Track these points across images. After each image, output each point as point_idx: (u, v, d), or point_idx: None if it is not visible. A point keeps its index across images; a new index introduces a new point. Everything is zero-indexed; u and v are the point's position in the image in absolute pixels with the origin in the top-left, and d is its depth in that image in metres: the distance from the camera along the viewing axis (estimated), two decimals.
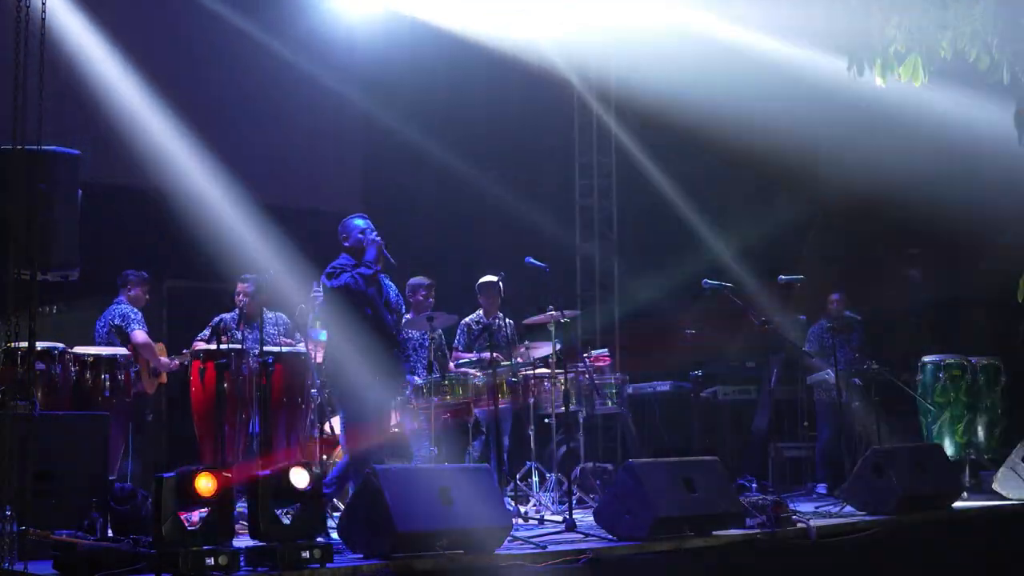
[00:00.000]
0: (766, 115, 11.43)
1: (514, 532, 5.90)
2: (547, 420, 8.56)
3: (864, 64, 5.64)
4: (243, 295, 8.00)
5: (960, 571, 7.14)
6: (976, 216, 10.47)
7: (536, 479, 8.36)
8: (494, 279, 8.77)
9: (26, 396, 5.26)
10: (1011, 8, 5.15)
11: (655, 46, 12.12)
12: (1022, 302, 5.67)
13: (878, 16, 5.43)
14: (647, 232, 12.87)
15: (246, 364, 7.24)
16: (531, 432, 8.36)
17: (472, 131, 12.07)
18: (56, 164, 5.79)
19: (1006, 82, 5.44)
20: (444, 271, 9.56)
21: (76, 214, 5.92)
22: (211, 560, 4.68)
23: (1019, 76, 5.41)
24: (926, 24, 5.54)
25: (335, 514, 6.23)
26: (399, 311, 7.35)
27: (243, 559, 4.91)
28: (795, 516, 6.72)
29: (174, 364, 8.37)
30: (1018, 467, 8.38)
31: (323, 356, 7.91)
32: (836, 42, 5.59)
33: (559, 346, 8.33)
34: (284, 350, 7.45)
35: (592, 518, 6.48)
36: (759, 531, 6.40)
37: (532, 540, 5.92)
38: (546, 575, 5.41)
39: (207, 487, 4.79)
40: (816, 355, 9.73)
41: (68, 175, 5.88)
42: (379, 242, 6.94)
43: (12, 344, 5.22)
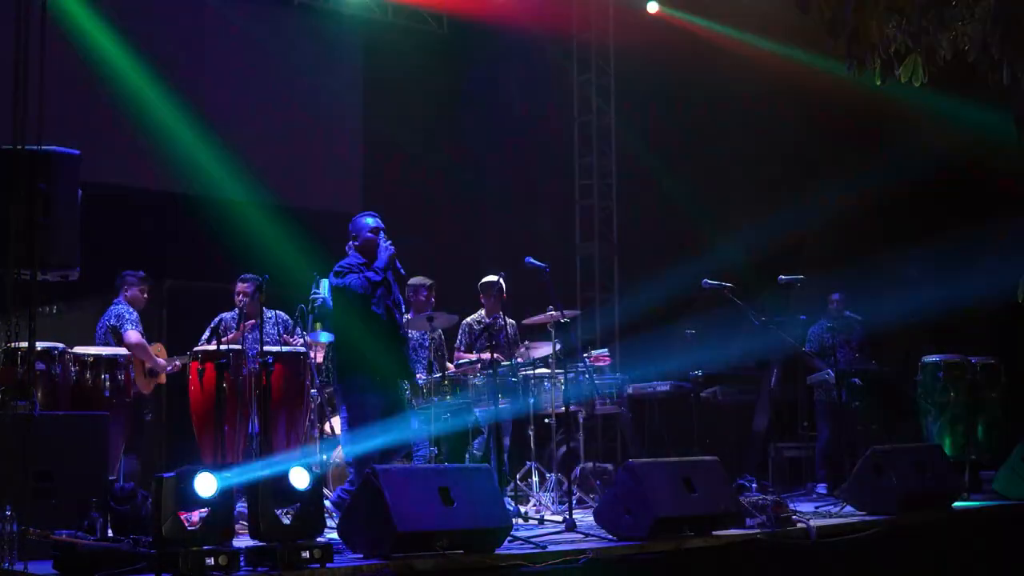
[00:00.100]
0: (767, 115, 11.45)
1: (514, 532, 5.89)
2: (547, 420, 8.56)
3: (864, 64, 5.63)
4: (243, 295, 8.00)
5: (960, 571, 7.14)
6: (976, 216, 10.48)
7: (536, 479, 8.36)
8: (495, 278, 8.76)
9: (26, 396, 5.26)
10: (1011, 8, 5.14)
11: (655, 46, 12.17)
12: (1022, 302, 5.65)
13: (878, 16, 5.42)
14: (647, 232, 12.87)
15: (246, 364, 7.25)
16: (531, 432, 8.36)
17: (472, 131, 12.08)
18: (56, 164, 5.78)
19: (1006, 82, 5.43)
20: (444, 271, 9.55)
21: (76, 214, 5.91)
22: (211, 560, 4.68)
23: (1019, 76, 5.39)
24: (926, 24, 5.54)
25: (335, 514, 6.23)
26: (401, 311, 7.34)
27: (243, 559, 4.91)
28: (795, 516, 6.72)
29: (175, 365, 8.36)
30: (1018, 467, 8.37)
31: (328, 356, 7.91)
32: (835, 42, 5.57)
33: (559, 346, 8.33)
34: (284, 350, 7.46)
35: (592, 518, 6.48)
36: (759, 531, 6.39)
37: (532, 540, 5.92)
38: (546, 575, 5.41)
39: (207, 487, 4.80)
40: (816, 355, 9.73)
41: (68, 175, 5.87)
42: (392, 251, 6.87)
43: (12, 344, 5.23)
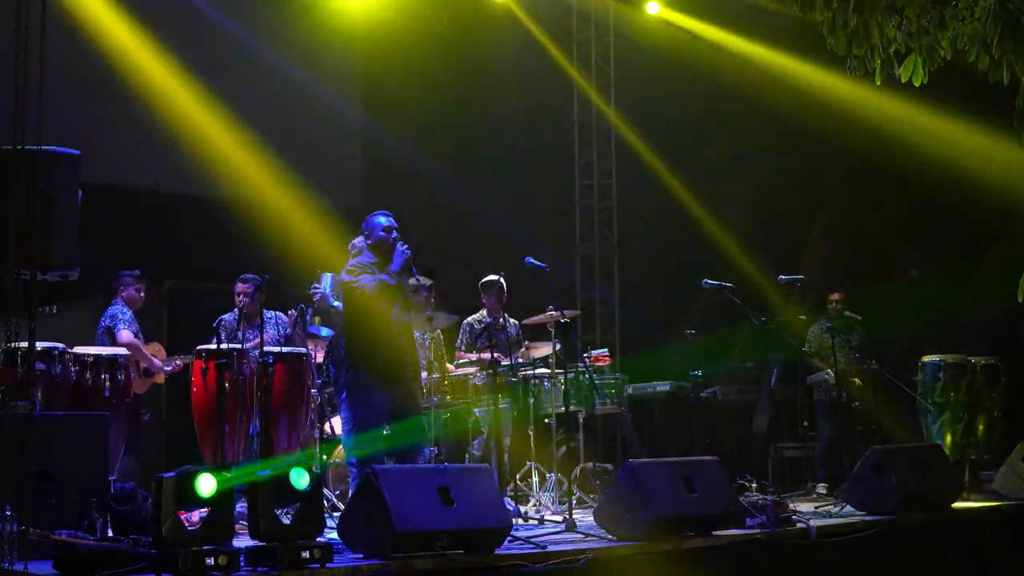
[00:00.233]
0: (767, 115, 11.45)
1: (514, 532, 5.89)
2: (547, 420, 8.55)
3: (864, 63, 5.63)
4: (243, 295, 8.00)
5: (960, 571, 7.14)
6: (978, 215, 10.49)
7: (536, 479, 8.36)
8: (495, 278, 8.76)
9: (26, 396, 5.26)
10: (1011, 8, 5.14)
11: (655, 46, 12.17)
12: (1022, 302, 5.65)
13: (878, 16, 5.43)
14: (647, 232, 12.88)
15: (247, 364, 7.25)
16: (531, 432, 8.36)
17: (472, 132, 12.08)
18: (56, 164, 5.78)
19: (1006, 82, 5.43)
20: (444, 271, 9.55)
21: (76, 214, 5.91)
22: (211, 560, 4.68)
23: (1019, 76, 5.39)
24: (926, 24, 5.54)
25: (335, 514, 6.23)
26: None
27: (243, 559, 4.91)
28: (795, 516, 6.73)
29: (176, 365, 8.37)
30: (1018, 467, 8.37)
31: (328, 354, 7.90)
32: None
33: (559, 346, 8.33)
34: (284, 350, 7.46)
35: (592, 518, 6.48)
36: (759, 531, 6.39)
37: (532, 540, 5.92)
38: (546, 575, 5.41)
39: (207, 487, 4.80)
40: (816, 355, 9.73)
41: (68, 175, 5.87)
42: (408, 255, 6.79)
43: (12, 344, 5.22)
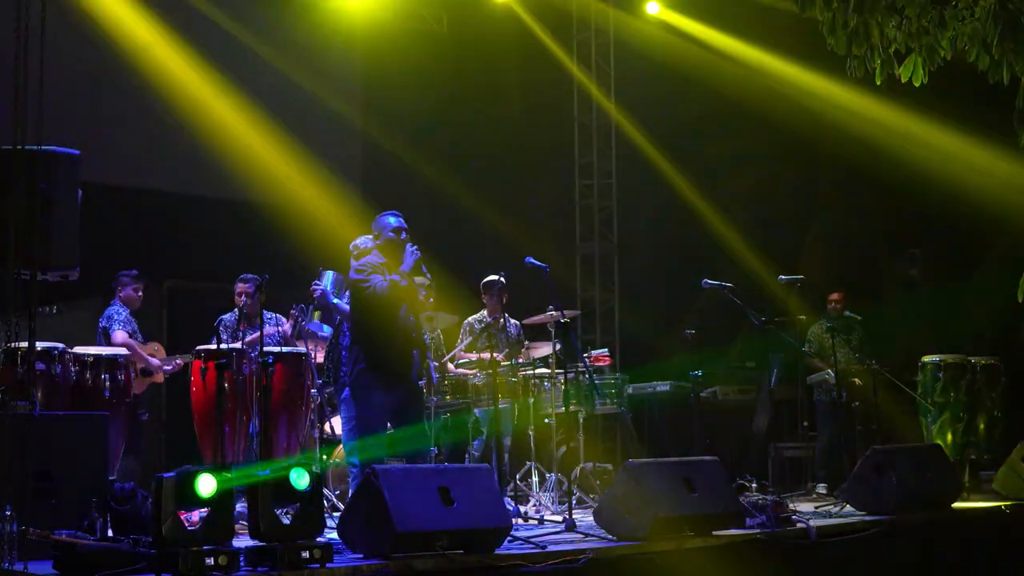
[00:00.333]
0: (767, 114, 11.45)
1: (514, 532, 5.89)
2: (547, 420, 8.55)
3: (864, 63, 5.63)
4: (243, 295, 8.00)
5: (960, 571, 7.14)
6: (977, 216, 10.48)
7: (536, 479, 8.36)
8: (496, 278, 8.76)
9: (26, 396, 5.26)
10: (1011, 8, 5.14)
11: (655, 46, 12.17)
12: (1022, 302, 5.65)
13: (878, 16, 5.43)
14: (647, 232, 12.88)
15: (246, 364, 7.24)
16: (531, 432, 8.36)
17: (472, 131, 12.08)
18: (56, 164, 5.78)
19: (1006, 82, 5.43)
20: (444, 271, 9.55)
21: (76, 214, 5.91)
22: (211, 560, 4.68)
23: (1019, 76, 5.39)
24: (926, 24, 5.54)
25: (335, 514, 6.23)
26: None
27: (243, 559, 4.91)
28: (795, 516, 6.73)
29: (176, 364, 8.37)
30: (1018, 467, 8.37)
31: (328, 353, 7.89)
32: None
33: (559, 346, 8.33)
34: (284, 350, 7.46)
35: (592, 518, 6.48)
36: (759, 531, 6.39)
37: (532, 540, 5.92)
38: (546, 575, 5.41)
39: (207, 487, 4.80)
40: (816, 355, 9.73)
41: (68, 175, 5.87)
42: (418, 256, 6.89)
43: (12, 344, 5.22)
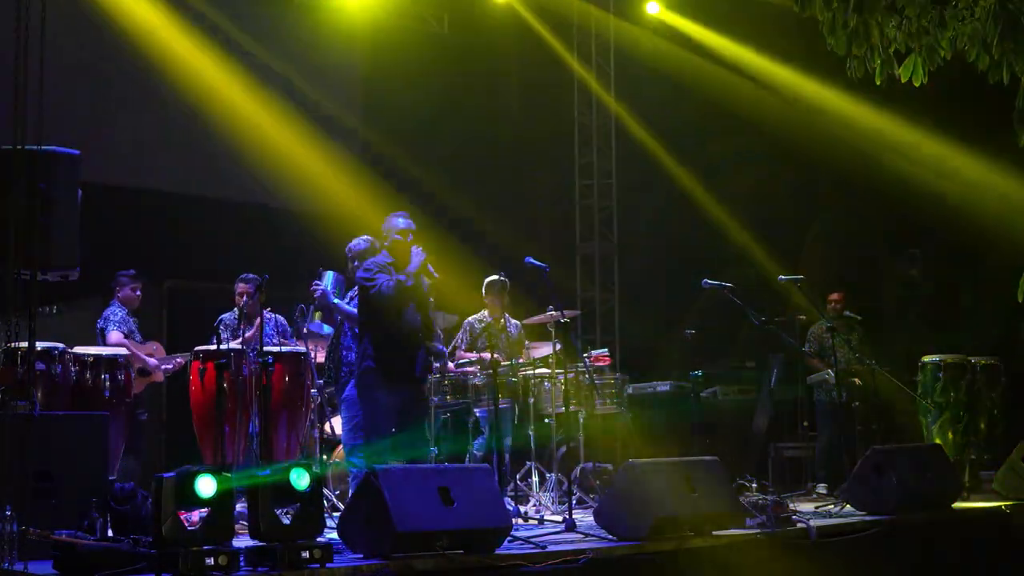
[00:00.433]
0: (767, 114, 11.46)
1: (514, 532, 5.89)
2: (547, 420, 8.55)
3: (864, 63, 5.64)
4: (244, 295, 8.00)
5: (960, 571, 7.14)
6: (977, 216, 10.48)
7: (536, 479, 8.35)
8: (497, 278, 8.77)
9: (26, 396, 5.26)
10: (1011, 8, 5.14)
11: (656, 46, 12.17)
12: (1022, 302, 5.65)
13: (878, 16, 5.43)
14: (647, 232, 12.88)
15: (246, 364, 7.24)
16: (531, 432, 8.36)
17: (472, 131, 12.08)
18: (56, 164, 5.78)
19: (1006, 82, 5.43)
20: (444, 271, 9.55)
21: (76, 214, 5.91)
22: (211, 560, 4.68)
23: (1019, 76, 5.40)
24: (926, 24, 5.54)
25: (335, 514, 6.23)
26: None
27: (243, 559, 4.91)
28: (795, 516, 6.73)
29: (176, 362, 8.36)
30: (1018, 467, 8.37)
31: (329, 353, 7.89)
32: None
33: (559, 346, 8.33)
34: (284, 350, 7.46)
35: (592, 518, 6.48)
36: (759, 531, 6.40)
37: (532, 540, 5.92)
38: (546, 575, 5.41)
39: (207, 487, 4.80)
40: (816, 355, 9.73)
41: (68, 175, 5.87)
42: (424, 256, 7.00)
43: (12, 344, 5.22)
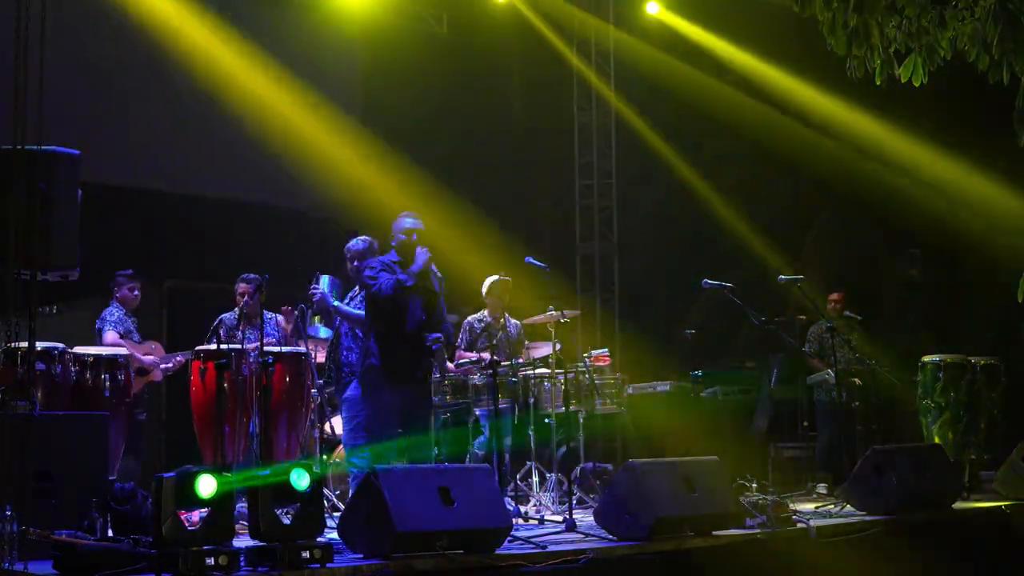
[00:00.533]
0: (768, 115, 11.47)
1: (514, 532, 5.89)
2: (547, 420, 8.55)
3: (864, 64, 5.63)
4: (245, 295, 8.00)
5: (960, 571, 7.13)
6: (977, 216, 10.49)
7: (536, 479, 8.36)
8: (497, 278, 8.78)
9: (26, 396, 5.26)
10: (1011, 8, 5.14)
11: (656, 46, 12.18)
12: (1022, 302, 5.65)
13: (878, 16, 5.43)
14: (647, 232, 12.89)
15: (246, 364, 7.24)
16: (531, 432, 8.36)
17: (472, 131, 12.08)
18: (56, 164, 5.78)
19: (1006, 82, 5.43)
20: (443, 271, 9.55)
21: (76, 214, 5.91)
22: (211, 560, 4.68)
23: (1019, 76, 5.39)
24: (926, 24, 5.54)
25: (335, 514, 6.23)
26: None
27: (243, 559, 4.91)
28: (795, 516, 6.73)
29: (176, 361, 8.36)
30: (1018, 467, 8.37)
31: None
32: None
33: (559, 346, 8.33)
34: (284, 350, 7.45)
35: (592, 518, 6.48)
36: (759, 531, 6.40)
37: (532, 540, 5.92)
38: (546, 575, 5.41)
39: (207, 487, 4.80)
40: (816, 355, 9.73)
41: (68, 175, 5.87)
42: (428, 256, 7.05)
43: (12, 344, 5.22)
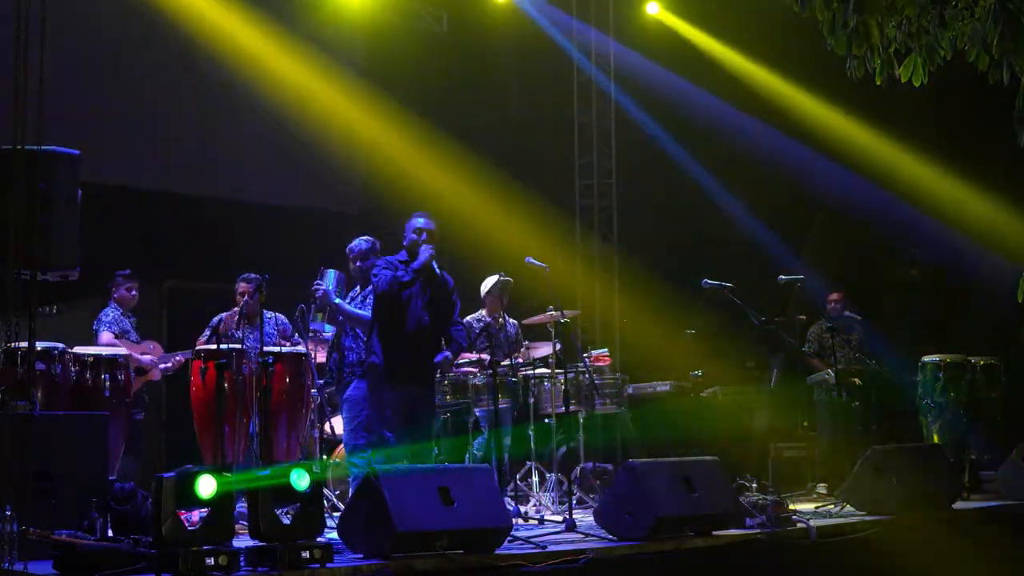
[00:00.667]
0: (768, 115, 11.46)
1: (514, 532, 5.89)
2: (547, 420, 8.55)
3: (864, 64, 5.63)
4: (245, 295, 8.00)
5: (960, 571, 7.13)
6: (977, 216, 10.50)
7: (536, 479, 8.36)
8: (496, 278, 8.79)
9: (26, 396, 5.26)
10: (1011, 8, 5.14)
11: (655, 46, 12.18)
12: (1022, 302, 5.65)
13: (878, 16, 5.43)
14: (647, 232, 12.88)
15: (246, 364, 7.24)
16: (531, 432, 8.36)
17: (472, 131, 12.08)
18: (56, 164, 5.79)
19: (1006, 82, 5.43)
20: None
21: (76, 214, 5.91)
22: (211, 560, 4.68)
23: (1019, 76, 5.39)
24: (926, 24, 5.54)
25: (335, 514, 6.23)
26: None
27: (243, 559, 4.91)
28: (795, 516, 6.73)
29: (176, 360, 8.36)
30: (1018, 467, 8.37)
31: (331, 354, 7.90)
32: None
33: (559, 346, 8.33)
34: (284, 350, 7.46)
35: (592, 518, 6.48)
36: (759, 531, 6.40)
37: (532, 540, 5.92)
38: (546, 575, 5.41)
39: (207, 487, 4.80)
40: (816, 355, 9.73)
41: (68, 175, 5.88)
42: (431, 252, 7.07)
43: (12, 344, 5.22)
